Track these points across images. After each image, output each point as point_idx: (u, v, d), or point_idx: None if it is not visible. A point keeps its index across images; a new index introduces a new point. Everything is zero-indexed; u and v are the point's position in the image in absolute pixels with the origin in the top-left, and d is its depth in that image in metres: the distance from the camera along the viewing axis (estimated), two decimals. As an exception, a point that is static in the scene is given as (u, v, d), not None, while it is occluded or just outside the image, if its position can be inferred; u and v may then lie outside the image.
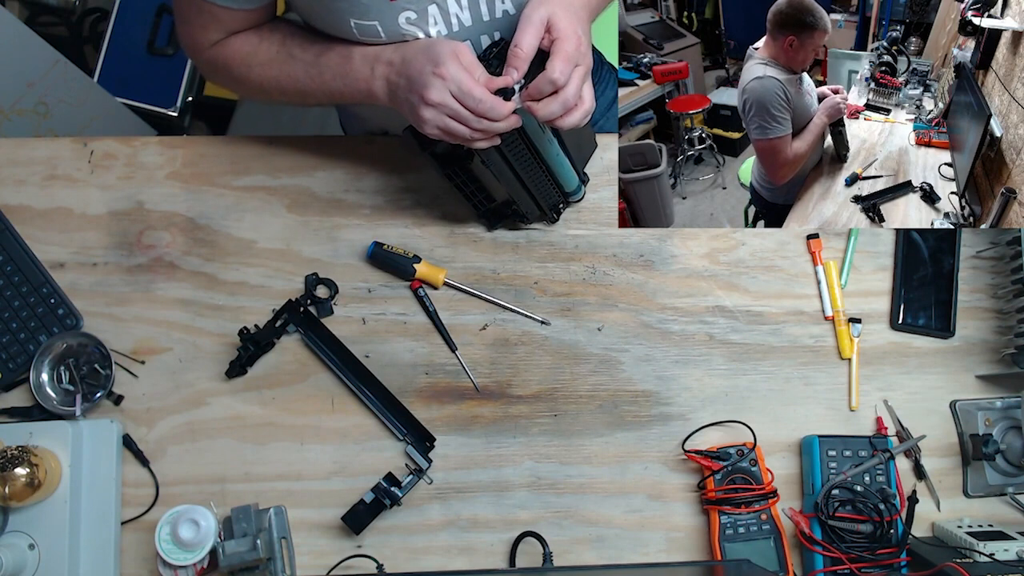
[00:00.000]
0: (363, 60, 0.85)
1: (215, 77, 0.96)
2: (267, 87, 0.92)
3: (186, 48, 0.95)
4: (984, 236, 1.05)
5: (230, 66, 0.92)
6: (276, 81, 0.91)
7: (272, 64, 0.91)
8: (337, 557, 0.93)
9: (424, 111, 0.79)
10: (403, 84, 0.81)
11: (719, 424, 0.98)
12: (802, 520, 0.92)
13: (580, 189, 1.01)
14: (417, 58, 0.80)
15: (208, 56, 0.93)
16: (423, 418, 0.97)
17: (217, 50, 0.92)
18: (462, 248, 1.03)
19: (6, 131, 1.57)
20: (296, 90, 0.91)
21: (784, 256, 1.04)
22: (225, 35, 0.91)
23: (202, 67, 0.97)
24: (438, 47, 0.78)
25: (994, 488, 0.97)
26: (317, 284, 1.00)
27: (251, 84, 0.93)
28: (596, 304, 1.02)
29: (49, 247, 1.02)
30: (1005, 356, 1.00)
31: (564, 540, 0.95)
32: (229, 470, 0.96)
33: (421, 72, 0.79)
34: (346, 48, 0.85)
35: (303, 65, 0.89)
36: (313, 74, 0.89)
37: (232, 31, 0.91)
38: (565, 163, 0.94)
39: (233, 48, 0.92)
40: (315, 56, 0.88)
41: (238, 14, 0.88)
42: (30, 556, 0.88)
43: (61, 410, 0.95)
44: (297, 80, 0.90)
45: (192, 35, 0.92)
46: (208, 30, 0.90)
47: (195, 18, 0.89)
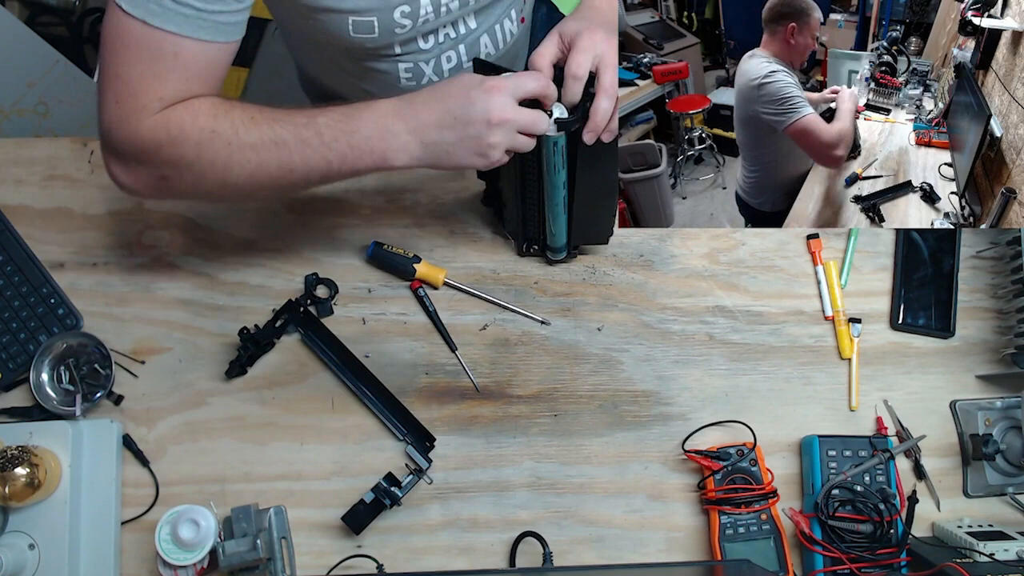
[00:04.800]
0: (371, 117, 0.73)
1: (155, 160, 0.72)
2: (241, 164, 0.72)
3: (113, 118, 0.70)
4: (984, 236, 1.05)
5: (185, 137, 0.71)
6: (255, 152, 0.71)
7: (246, 131, 0.72)
8: (337, 557, 0.93)
9: (492, 136, 0.72)
10: (447, 121, 0.72)
11: (719, 424, 0.98)
12: (802, 520, 0.92)
13: (562, 252, 0.99)
14: (450, 92, 0.72)
15: (152, 125, 0.71)
16: (423, 418, 0.97)
17: (167, 115, 0.71)
18: (462, 248, 1.03)
19: (6, 131, 1.57)
20: (282, 163, 0.73)
21: (784, 256, 1.04)
22: (179, 93, 0.71)
23: (137, 145, 0.71)
24: (459, 76, 0.73)
25: (994, 488, 0.97)
26: (317, 284, 1.00)
27: (214, 163, 0.72)
28: (596, 304, 1.02)
29: (49, 247, 1.02)
30: (1005, 356, 1.00)
31: (564, 540, 0.95)
32: (229, 470, 0.96)
33: (469, 99, 0.71)
34: (340, 107, 0.74)
35: (291, 127, 0.72)
36: (307, 136, 0.72)
37: (188, 89, 0.72)
38: (561, 221, 0.92)
39: (187, 113, 0.71)
40: (306, 118, 0.73)
41: (209, 51, 0.71)
42: (30, 556, 0.88)
43: (61, 410, 0.95)
44: (285, 144, 0.72)
45: (132, 91, 0.70)
46: (163, 80, 0.70)
47: (143, 63, 0.69)
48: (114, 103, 0.71)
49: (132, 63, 0.69)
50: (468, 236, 1.03)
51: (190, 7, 0.68)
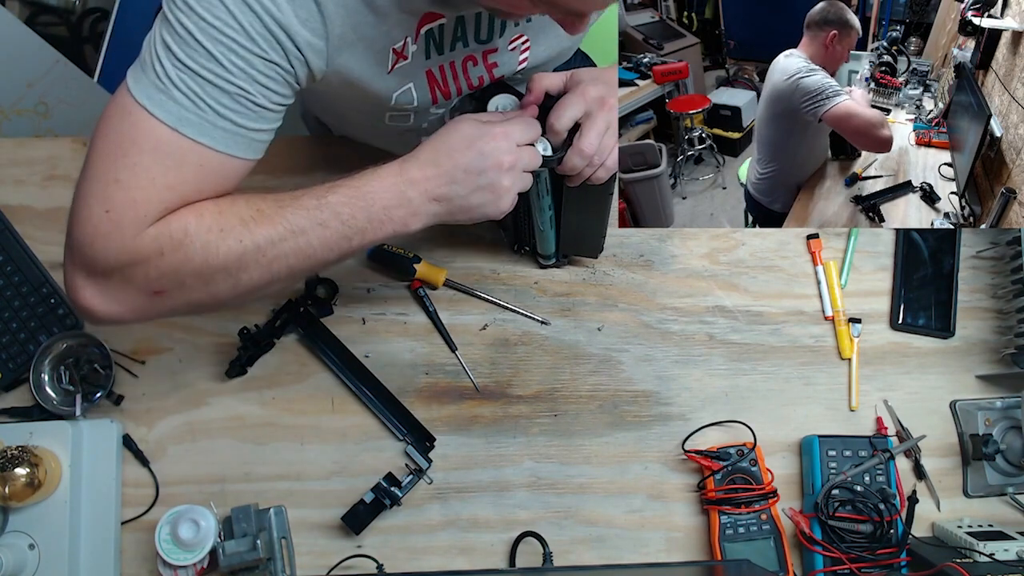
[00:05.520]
0: (382, 187, 0.70)
1: (151, 274, 0.64)
2: (257, 260, 0.66)
3: (98, 231, 0.62)
4: (984, 236, 1.05)
5: (191, 241, 0.64)
6: (271, 245, 0.66)
7: (257, 224, 0.66)
8: (337, 557, 0.93)
9: (505, 180, 0.72)
10: (459, 176, 0.71)
11: (719, 424, 0.98)
12: (802, 520, 0.92)
13: (551, 259, 1.00)
14: (453, 146, 0.71)
15: (154, 233, 0.63)
16: (423, 418, 0.97)
17: (168, 219, 0.64)
18: (462, 248, 1.03)
19: (6, 131, 1.57)
20: (300, 250, 0.68)
21: (784, 256, 1.04)
22: (186, 202, 0.65)
23: (127, 259, 0.63)
24: (455, 127, 0.72)
25: (994, 488, 0.97)
26: (317, 284, 1.00)
27: (226, 266, 0.65)
28: (596, 304, 1.02)
29: (49, 247, 1.02)
30: (1005, 356, 1.00)
31: (564, 540, 0.95)
32: (229, 470, 0.96)
33: (477, 151, 0.71)
34: (345, 182, 0.71)
35: (304, 212, 0.67)
36: (324, 219, 0.68)
37: (197, 198, 0.66)
38: (549, 235, 0.93)
39: (190, 214, 0.65)
40: (316, 199, 0.68)
41: (235, 166, 0.66)
42: (30, 556, 0.88)
43: (61, 410, 0.95)
44: (303, 232, 0.67)
45: (133, 200, 0.62)
46: (174, 191, 0.64)
47: (156, 169, 0.62)
48: (102, 212, 0.62)
49: (143, 168, 0.62)
50: (468, 236, 1.03)
51: (231, 122, 0.64)
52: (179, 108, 0.62)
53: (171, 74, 0.61)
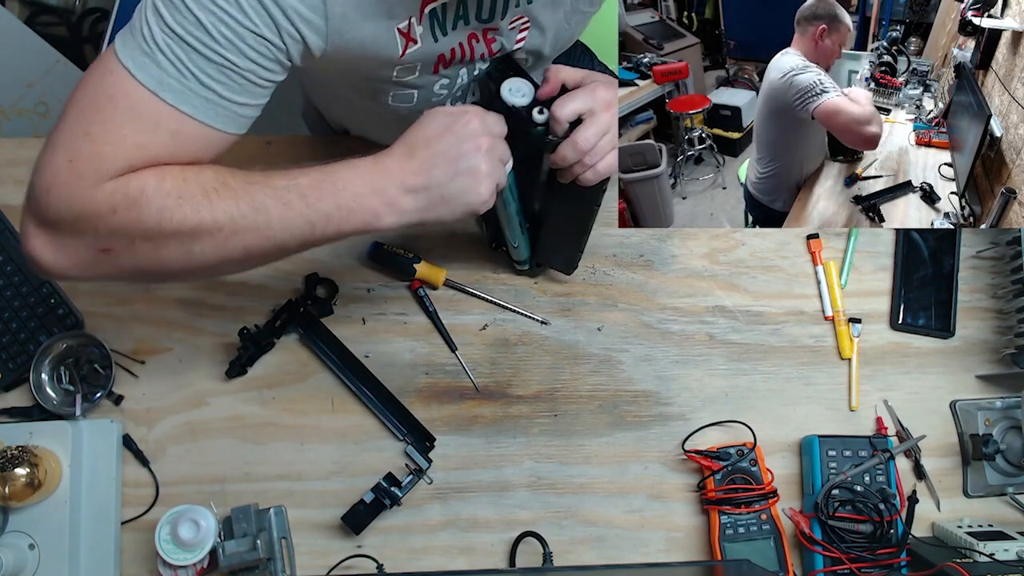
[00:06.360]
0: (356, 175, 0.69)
1: (101, 229, 0.63)
2: (211, 234, 0.64)
3: (58, 179, 0.61)
4: (984, 236, 1.05)
5: (147, 201, 0.62)
6: (229, 220, 0.64)
7: (219, 196, 0.64)
8: (337, 557, 0.93)
9: (483, 164, 0.70)
10: (439, 163, 0.70)
11: (719, 424, 0.98)
12: (802, 520, 0.92)
13: (525, 265, 1.00)
14: (429, 135, 0.70)
15: (110, 188, 0.62)
16: (423, 418, 0.97)
17: (128, 176, 0.63)
18: (462, 248, 1.03)
19: (6, 131, 1.58)
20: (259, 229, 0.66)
21: (784, 256, 1.04)
22: (154, 163, 0.64)
23: (80, 210, 0.62)
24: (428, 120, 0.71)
25: (994, 488, 0.97)
26: (317, 284, 1.00)
27: (179, 233, 0.64)
28: (596, 304, 1.02)
29: (49, 247, 1.01)
30: (1005, 356, 1.00)
31: (564, 540, 0.95)
32: (229, 470, 0.96)
33: (452, 133, 0.70)
34: (319, 167, 0.70)
35: (270, 191, 0.66)
36: (289, 199, 0.66)
37: (167, 161, 0.65)
38: (521, 243, 0.93)
39: (151, 175, 0.63)
40: (286, 180, 0.67)
41: (212, 137, 0.65)
42: (30, 556, 0.88)
43: (61, 410, 0.95)
44: (264, 209, 0.65)
45: (98, 153, 0.61)
46: (144, 150, 0.63)
47: (128, 127, 0.61)
48: (65, 162, 0.61)
49: (114, 125, 0.61)
50: (468, 236, 1.03)
51: (214, 92, 0.63)
52: (162, 72, 0.61)
53: (158, 38, 0.60)
